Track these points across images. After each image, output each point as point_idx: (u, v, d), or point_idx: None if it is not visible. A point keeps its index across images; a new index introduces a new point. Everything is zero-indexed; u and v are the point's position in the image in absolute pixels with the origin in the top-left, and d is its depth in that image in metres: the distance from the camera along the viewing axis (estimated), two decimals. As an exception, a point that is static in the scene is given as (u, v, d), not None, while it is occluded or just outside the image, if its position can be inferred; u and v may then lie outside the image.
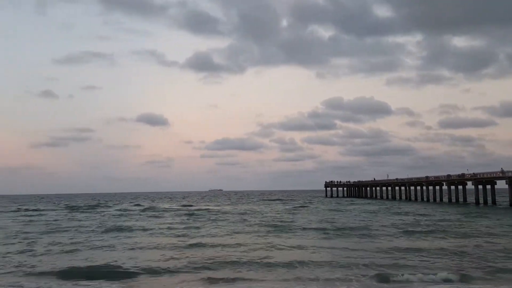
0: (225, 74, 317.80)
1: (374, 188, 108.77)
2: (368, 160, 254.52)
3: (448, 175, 72.71)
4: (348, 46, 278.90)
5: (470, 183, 68.38)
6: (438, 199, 77.42)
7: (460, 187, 72.72)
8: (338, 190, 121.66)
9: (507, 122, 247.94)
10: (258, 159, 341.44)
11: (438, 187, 78.42)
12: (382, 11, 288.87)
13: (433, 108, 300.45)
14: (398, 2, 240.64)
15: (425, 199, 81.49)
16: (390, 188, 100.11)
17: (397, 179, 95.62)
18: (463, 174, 69.16)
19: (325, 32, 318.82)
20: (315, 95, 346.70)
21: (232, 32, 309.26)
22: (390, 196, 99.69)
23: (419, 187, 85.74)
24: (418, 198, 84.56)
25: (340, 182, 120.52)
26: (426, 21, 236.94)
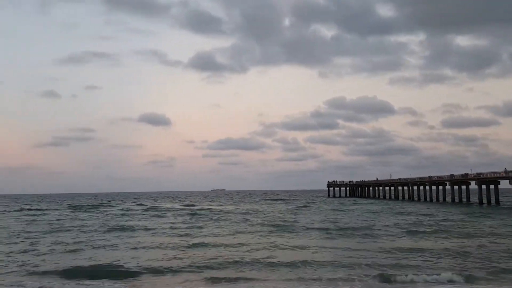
0: (227, 73, 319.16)
1: (377, 188, 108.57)
2: (371, 159, 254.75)
3: (451, 175, 72.52)
4: (350, 45, 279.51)
5: (473, 183, 68.18)
6: (441, 199, 77.20)
7: (464, 187, 72.55)
8: (340, 190, 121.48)
9: (511, 122, 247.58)
10: (261, 158, 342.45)
11: (441, 187, 78.20)
12: (384, 10, 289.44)
13: (436, 107, 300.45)
14: (401, 1, 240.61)
15: (428, 199, 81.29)
16: (393, 188, 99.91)
17: (400, 179, 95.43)
18: (466, 174, 68.95)
19: (327, 31, 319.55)
20: (318, 94, 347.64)
21: (234, 32, 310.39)
22: (393, 196, 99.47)
23: (422, 187, 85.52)
24: (421, 198, 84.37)
25: (342, 182, 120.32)
26: (429, 20, 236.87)
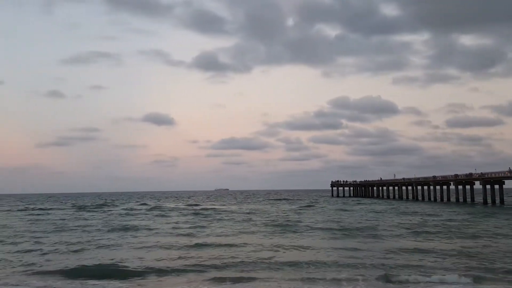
0: (231, 73, 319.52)
1: (380, 187, 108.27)
2: (374, 159, 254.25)
3: (456, 175, 72.22)
4: (354, 45, 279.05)
5: (477, 182, 67.87)
6: (446, 199, 76.90)
7: (468, 187, 72.20)
8: (344, 189, 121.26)
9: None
10: (264, 158, 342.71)
11: (445, 187, 77.89)
12: (388, 10, 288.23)
13: (440, 107, 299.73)
14: (405, 0, 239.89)
15: (432, 199, 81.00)
16: (397, 187, 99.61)
17: (404, 178, 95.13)
18: (471, 174, 68.65)
19: (331, 31, 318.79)
20: (321, 94, 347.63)
21: (238, 32, 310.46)
22: (397, 196, 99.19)
23: (426, 187, 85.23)
24: (425, 198, 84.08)
25: (346, 181, 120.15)
26: (433, 19, 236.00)
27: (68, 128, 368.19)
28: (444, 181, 76.92)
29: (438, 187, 79.96)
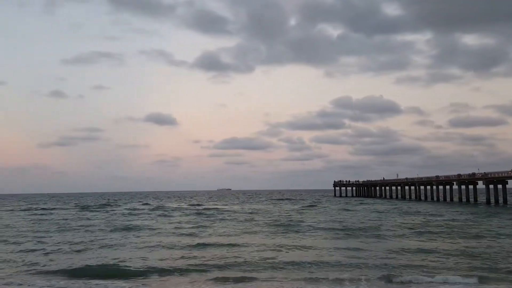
0: (233, 73, 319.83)
1: (383, 187, 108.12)
2: (377, 159, 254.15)
3: (459, 175, 72.05)
4: (356, 44, 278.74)
5: (481, 182, 67.71)
6: (449, 199, 76.76)
7: (471, 186, 72.06)
8: (347, 189, 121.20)
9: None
10: (266, 158, 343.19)
11: (448, 187, 77.75)
12: (391, 9, 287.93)
13: (443, 107, 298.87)
14: (407, 0, 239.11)
15: (435, 198, 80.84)
16: (399, 187, 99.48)
17: (406, 178, 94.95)
18: (474, 174, 68.48)
19: (333, 30, 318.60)
20: (324, 94, 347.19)
21: (240, 31, 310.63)
22: (399, 196, 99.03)
23: (429, 187, 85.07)
24: (428, 198, 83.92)
25: (349, 181, 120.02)
26: (435, 19, 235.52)
27: (70, 128, 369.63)
28: (447, 181, 76.75)
29: (441, 187, 79.80)
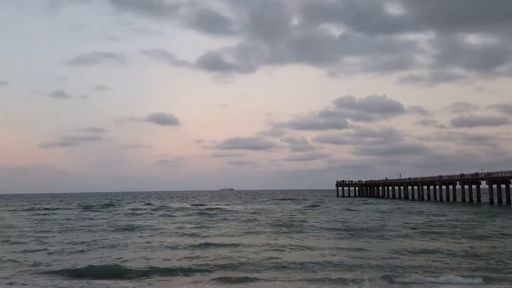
0: (235, 73, 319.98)
1: (386, 187, 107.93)
2: (380, 159, 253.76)
3: (462, 174, 71.83)
4: (359, 44, 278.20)
5: (484, 182, 67.52)
6: (452, 199, 76.53)
7: (474, 186, 71.82)
8: (349, 189, 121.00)
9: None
10: (269, 158, 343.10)
11: (451, 187, 77.53)
12: (393, 9, 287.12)
13: (446, 106, 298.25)
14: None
15: (438, 198, 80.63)
16: (402, 187, 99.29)
17: (409, 178, 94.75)
18: (477, 173, 68.26)
19: (336, 30, 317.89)
20: (327, 93, 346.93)
21: (242, 31, 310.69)
22: (402, 196, 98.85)
23: (432, 187, 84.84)
24: (431, 198, 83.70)
25: (351, 181, 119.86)
26: (438, 18, 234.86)
27: (72, 129, 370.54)
28: (450, 180, 76.52)
29: (444, 187, 79.58)
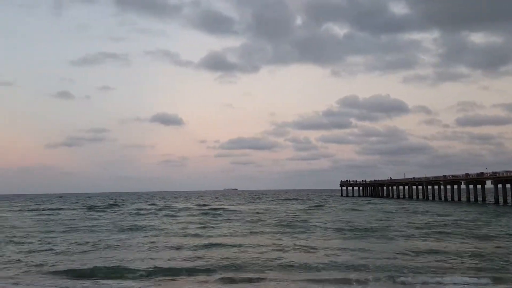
0: (239, 73, 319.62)
1: (390, 187, 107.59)
2: (384, 159, 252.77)
3: (467, 174, 71.52)
4: (363, 43, 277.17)
5: (489, 182, 67.18)
6: (456, 199, 76.22)
7: (479, 186, 71.49)
8: (354, 189, 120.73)
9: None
10: (273, 158, 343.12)
11: (456, 186, 77.24)
12: (397, 8, 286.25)
13: (450, 106, 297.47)
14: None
15: (442, 198, 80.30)
16: (407, 187, 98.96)
17: (414, 178, 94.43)
18: (482, 173, 67.94)
19: (340, 29, 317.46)
20: (330, 93, 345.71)
21: (246, 31, 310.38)
22: (407, 196, 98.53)
23: (436, 186, 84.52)
24: (436, 198, 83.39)
25: (355, 181, 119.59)
26: (442, 17, 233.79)
27: (77, 129, 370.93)
28: (454, 180, 76.20)
29: (448, 187, 79.26)
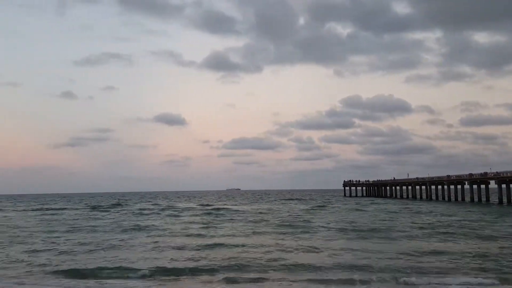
0: (242, 73, 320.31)
1: (394, 187, 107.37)
2: (387, 159, 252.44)
3: (470, 174, 71.28)
4: (366, 43, 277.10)
5: (493, 182, 66.92)
6: (460, 199, 75.94)
7: (483, 186, 71.30)
8: (357, 189, 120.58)
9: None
10: (276, 158, 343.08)
11: (460, 186, 76.93)
12: (400, 8, 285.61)
13: (454, 105, 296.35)
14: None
15: (446, 198, 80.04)
16: (410, 187, 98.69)
17: (417, 178, 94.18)
18: (486, 173, 67.68)
19: (343, 29, 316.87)
20: (333, 93, 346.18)
21: (248, 31, 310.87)
22: (410, 196, 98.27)
23: (440, 186, 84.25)
24: (439, 198, 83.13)
25: (359, 181, 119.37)
26: (446, 17, 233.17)
27: (80, 129, 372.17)
28: (458, 180, 75.94)
29: (452, 187, 78.98)
